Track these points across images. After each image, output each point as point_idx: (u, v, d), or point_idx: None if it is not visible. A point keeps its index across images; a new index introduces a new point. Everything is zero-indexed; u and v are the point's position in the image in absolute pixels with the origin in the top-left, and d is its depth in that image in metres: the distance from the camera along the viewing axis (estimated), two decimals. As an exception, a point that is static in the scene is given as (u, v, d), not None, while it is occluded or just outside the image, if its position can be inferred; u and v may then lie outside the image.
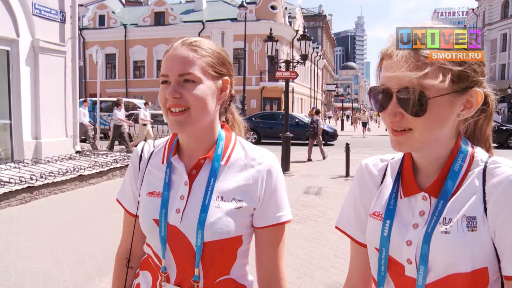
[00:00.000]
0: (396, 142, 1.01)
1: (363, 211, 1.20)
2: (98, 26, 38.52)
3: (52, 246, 5.34)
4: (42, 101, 10.09)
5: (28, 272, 4.49)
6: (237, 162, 1.32)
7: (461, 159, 1.04)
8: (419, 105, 0.95)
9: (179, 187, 1.29)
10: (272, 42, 13.57)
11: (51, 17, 10.51)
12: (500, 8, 50.95)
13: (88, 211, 7.07)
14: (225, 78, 1.32)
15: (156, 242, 1.29)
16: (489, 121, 1.13)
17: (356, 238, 1.22)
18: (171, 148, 1.36)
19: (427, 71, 0.94)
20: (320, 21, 61.04)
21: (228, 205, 1.26)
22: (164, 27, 36.43)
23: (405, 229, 1.05)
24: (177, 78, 1.22)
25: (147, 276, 1.37)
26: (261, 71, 34.52)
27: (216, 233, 1.23)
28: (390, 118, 0.99)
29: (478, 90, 0.99)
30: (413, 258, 1.03)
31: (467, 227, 0.97)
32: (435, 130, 0.98)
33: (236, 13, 34.19)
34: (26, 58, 9.77)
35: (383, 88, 1.00)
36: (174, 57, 1.24)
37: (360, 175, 1.23)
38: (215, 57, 1.29)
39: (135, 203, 1.40)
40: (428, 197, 1.05)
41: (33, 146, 9.98)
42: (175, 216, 1.26)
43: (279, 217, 1.31)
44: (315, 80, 53.34)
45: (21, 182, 7.57)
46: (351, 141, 10.11)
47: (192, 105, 1.22)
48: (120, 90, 35.97)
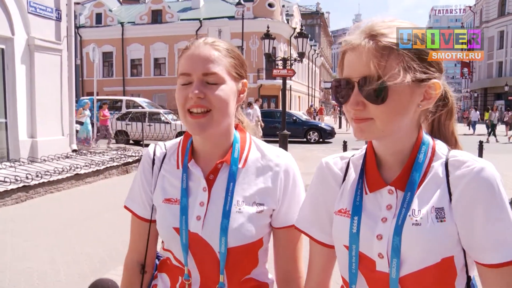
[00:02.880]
0: (358, 130, 1.03)
1: (323, 210, 1.19)
2: (95, 24, 38.42)
3: (48, 246, 5.30)
4: (38, 100, 10.04)
5: (23, 272, 4.45)
6: (254, 164, 1.30)
7: (424, 151, 1.07)
8: (380, 93, 0.97)
9: (198, 193, 1.27)
10: (270, 40, 13.57)
11: (47, 15, 10.46)
12: (497, 6, 51.07)
13: (84, 211, 7.04)
14: (244, 81, 1.30)
15: (177, 249, 1.26)
16: (451, 116, 1.17)
17: (316, 238, 1.22)
18: (185, 152, 1.32)
19: (387, 61, 0.96)
20: (317, 18, 61.03)
21: (250, 209, 1.25)
22: (162, 25, 36.39)
23: (374, 224, 1.07)
24: (201, 77, 1.19)
25: (164, 278, 1.34)
26: (258, 69, 34.49)
27: (240, 238, 1.22)
28: (352, 108, 1.01)
29: (437, 81, 1.02)
30: (385, 252, 1.04)
31: (436, 218, 1.00)
32: (395, 118, 1.00)
33: (233, 11, 34.16)
34: (21, 56, 9.72)
35: (345, 79, 1.03)
36: (197, 56, 1.21)
37: (320, 174, 1.22)
38: (236, 58, 1.27)
39: (147, 208, 1.35)
40: (394, 190, 1.07)
41: (29, 145, 9.94)
42: (196, 223, 1.24)
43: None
44: (312, 78, 53.34)
45: (17, 181, 7.52)
46: (349, 139, 10.09)
47: (215, 106, 1.19)
48: (117, 89, 35.92)
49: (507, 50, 49.17)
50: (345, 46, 1.05)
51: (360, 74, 0.99)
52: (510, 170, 8.78)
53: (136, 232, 1.40)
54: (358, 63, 0.99)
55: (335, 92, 1.06)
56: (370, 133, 1.02)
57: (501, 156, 12.87)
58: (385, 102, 0.97)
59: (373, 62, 0.96)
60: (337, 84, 1.05)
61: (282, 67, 14.10)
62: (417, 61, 0.98)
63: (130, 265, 1.41)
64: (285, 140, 11.79)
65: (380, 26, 1.01)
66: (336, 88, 1.05)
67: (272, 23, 22.37)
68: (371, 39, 0.99)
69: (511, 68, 49.04)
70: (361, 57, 0.98)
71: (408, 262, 1.01)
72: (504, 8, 50.25)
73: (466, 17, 67.54)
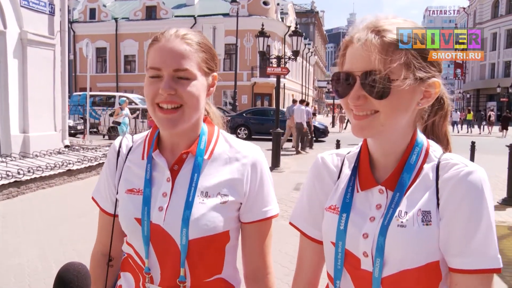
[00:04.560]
0: (358, 127, 1.02)
1: (318, 206, 1.19)
2: (89, 19, 38.15)
3: (39, 242, 5.27)
4: (30, 95, 9.96)
5: (13, 268, 4.42)
6: (221, 156, 1.27)
7: (416, 153, 1.06)
8: (382, 88, 0.96)
9: (161, 184, 1.24)
10: (264, 37, 13.55)
11: (40, 9, 10.37)
12: (491, 8, 51.43)
13: (76, 207, 6.99)
14: (214, 74, 1.28)
15: (138, 242, 1.24)
16: (445, 119, 1.17)
17: (308, 233, 1.22)
18: (152, 142, 1.30)
19: (391, 57, 0.96)
20: (312, 17, 61.05)
21: (213, 200, 1.22)
22: (156, 21, 36.16)
23: (361, 222, 1.07)
24: (171, 73, 1.16)
25: (128, 277, 1.32)
26: (252, 67, 34.45)
27: (202, 229, 1.19)
28: (353, 102, 1.00)
29: (437, 80, 1.03)
30: (369, 251, 1.04)
31: (422, 222, 1.00)
32: (398, 114, 1.00)
33: (228, 8, 34.09)
34: (13, 50, 9.64)
35: (346, 73, 1.02)
36: (168, 50, 1.17)
37: (316, 170, 1.22)
38: (208, 52, 1.24)
39: (112, 202, 1.34)
40: (384, 190, 1.07)
41: (20, 140, 9.86)
42: (158, 214, 1.21)
43: (266, 211, 1.29)
44: (306, 76, 53.40)
45: (8, 177, 7.46)
46: (342, 138, 10.11)
47: (186, 102, 1.17)
48: (110, 85, 35.74)
49: (500, 51, 49.53)
50: (348, 40, 1.04)
51: (363, 68, 0.98)
52: (502, 171, 8.84)
53: (102, 225, 1.39)
54: (362, 57, 0.98)
55: (335, 86, 1.05)
56: (369, 130, 1.01)
57: (494, 158, 12.95)
58: (386, 98, 0.97)
59: (377, 57, 0.96)
60: (338, 78, 1.04)
61: (276, 65, 14.07)
62: (419, 59, 0.98)
63: (95, 257, 1.41)
64: (278, 138, 11.78)
65: (384, 22, 1.00)
66: (337, 81, 1.04)
67: (266, 21, 22.33)
68: (376, 34, 0.98)
69: (503, 70, 49.42)
70: (365, 51, 0.97)
71: (390, 263, 1.01)
72: (497, 10, 50.59)
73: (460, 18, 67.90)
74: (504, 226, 6.21)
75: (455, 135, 23.67)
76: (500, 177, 9.39)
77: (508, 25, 48.74)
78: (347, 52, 1.05)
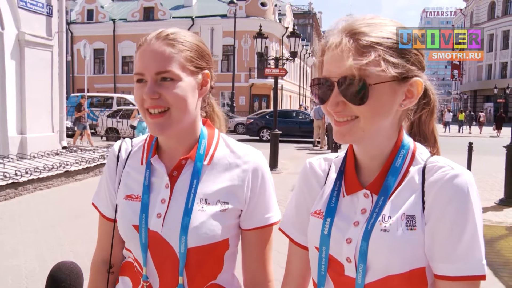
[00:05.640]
0: (339, 134, 1.00)
1: (305, 211, 1.17)
2: (87, 20, 38.11)
3: (37, 243, 5.25)
4: (28, 96, 9.94)
5: (11, 269, 4.40)
6: (221, 161, 1.25)
7: (402, 155, 1.04)
8: (361, 93, 0.94)
9: (160, 190, 1.22)
10: (262, 39, 13.54)
11: (38, 10, 10.35)
12: (487, 9, 51.59)
13: (74, 208, 6.97)
14: (205, 72, 1.23)
15: (136, 248, 1.21)
16: (431, 115, 1.14)
17: (295, 239, 1.19)
18: (150, 147, 1.27)
19: (368, 60, 0.93)
20: (309, 18, 61.06)
21: (213, 208, 1.19)
22: (153, 22, 36.15)
23: (346, 227, 1.04)
24: (154, 77, 1.13)
25: (126, 281, 1.30)
26: (250, 68, 34.46)
27: (201, 238, 1.17)
28: (332, 108, 0.98)
29: (418, 79, 0.99)
30: (352, 257, 1.01)
31: (406, 226, 0.97)
32: (378, 118, 0.98)
33: (226, 10, 34.10)
34: (11, 51, 9.62)
35: (324, 79, 0.99)
36: (149, 53, 1.15)
37: (304, 175, 1.20)
38: (194, 50, 1.20)
39: (112, 207, 1.31)
40: (369, 194, 1.05)
41: (18, 141, 9.84)
42: (156, 221, 1.19)
43: (267, 218, 1.26)
44: (304, 77, 53.41)
45: (6, 178, 7.43)
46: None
47: (172, 105, 1.14)
48: (108, 86, 35.67)
49: (497, 53, 49.69)
50: (324, 44, 1.02)
51: (340, 74, 0.95)
52: (499, 171, 8.86)
53: (102, 231, 1.36)
54: (338, 62, 0.96)
55: (316, 92, 1.03)
56: (350, 135, 0.99)
57: (490, 158, 12.99)
58: (366, 103, 0.94)
59: (352, 61, 0.93)
60: (316, 83, 1.02)
61: (274, 66, 14.08)
62: (398, 59, 0.96)
63: (95, 264, 1.37)
64: (276, 139, 11.77)
65: (360, 24, 0.97)
66: (317, 87, 1.02)
67: (264, 22, 22.36)
68: (351, 37, 0.95)
69: (500, 71, 49.59)
70: (341, 56, 0.95)
71: (373, 269, 0.99)
72: (493, 11, 50.77)
73: (457, 20, 68.05)
74: (502, 226, 6.22)
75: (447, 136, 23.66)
76: (497, 178, 9.41)
77: (504, 27, 48.93)
78: (324, 58, 1.02)
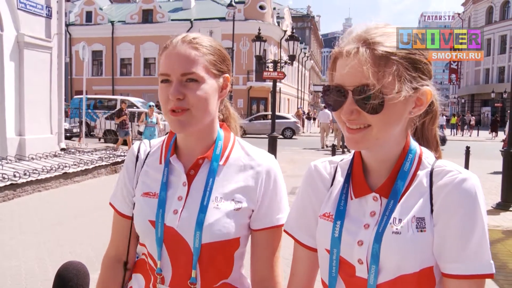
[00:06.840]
0: (352, 141, 1.02)
1: (311, 213, 1.19)
2: (85, 22, 38.07)
3: (35, 245, 5.25)
4: (26, 97, 9.94)
5: (10, 270, 4.40)
6: (236, 162, 1.30)
7: (410, 160, 1.07)
8: (376, 103, 0.96)
9: (177, 188, 1.27)
10: (260, 42, 13.57)
11: (37, 11, 10.37)
12: (485, 14, 51.79)
13: (72, 209, 6.98)
14: (226, 75, 1.29)
15: (151, 243, 1.25)
16: (434, 121, 1.17)
17: (302, 241, 1.21)
18: (169, 147, 1.32)
19: (384, 71, 0.95)
20: (308, 22, 61.15)
21: (227, 205, 1.24)
22: (152, 24, 36.21)
23: (356, 230, 1.07)
24: (180, 78, 1.19)
25: (139, 278, 1.33)
26: (248, 71, 34.46)
27: (215, 234, 1.21)
28: (346, 116, 1.00)
29: (428, 88, 1.02)
30: (364, 258, 1.04)
31: (417, 228, 1.01)
32: (391, 126, 1.01)
33: (224, 12, 34.13)
34: (10, 53, 9.62)
35: (338, 87, 1.00)
36: (175, 56, 1.20)
37: (309, 178, 1.22)
38: (216, 54, 1.26)
39: (128, 204, 1.35)
40: (378, 197, 1.07)
41: (16, 142, 9.83)
42: (172, 217, 1.23)
43: (278, 219, 1.29)
44: (302, 80, 53.45)
45: (4, 179, 7.43)
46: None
47: (193, 105, 1.19)
48: (106, 88, 35.61)
49: (494, 57, 49.86)
50: (338, 52, 1.03)
51: (355, 83, 0.96)
52: (496, 175, 8.90)
53: (117, 229, 1.39)
54: (353, 72, 0.97)
55: (326, 98, 1.04)
56: (363, 143, 1.01)
57: (488, 162, 13.04)
58: (380, 112, 0.97)
59: (369, 71, 0.94)
60: (328, 90, 1.03)
61: (273, 69, 14.12)
62: (411, 70, 0.98)
63: (107, 262, 1.40)
64: (274, 142, 11.79)
65: (374, 33, 0.99)
66: (328, 94, 1.03)
67: (263, 25, 22.40)
68: (367, 47, 0.96)
69: (497, 75, 49.73)
70: (356, 65, 0.96)
71: (386, 270, 1.02)
72: (491, 16, 50.97)
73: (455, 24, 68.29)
74: (498, 230, 6.25)
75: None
76: (494, 182, 9.45)
77: (502, 31, 49.11)
78: (337, 64, 1.03)
